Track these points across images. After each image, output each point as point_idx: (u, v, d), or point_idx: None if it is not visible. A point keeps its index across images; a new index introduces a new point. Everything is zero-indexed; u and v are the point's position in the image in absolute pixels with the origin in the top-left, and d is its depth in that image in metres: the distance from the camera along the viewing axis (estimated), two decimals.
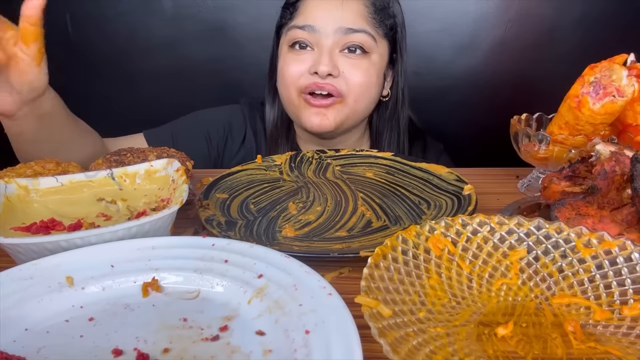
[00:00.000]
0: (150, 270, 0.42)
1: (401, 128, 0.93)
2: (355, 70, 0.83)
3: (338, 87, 0.82)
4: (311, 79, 0.82)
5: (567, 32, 1.28)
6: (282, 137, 0.94)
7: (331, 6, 0.82)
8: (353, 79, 0.83)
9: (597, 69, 0.61)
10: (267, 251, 0.43)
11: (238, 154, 0.96)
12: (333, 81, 0.82)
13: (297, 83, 0.83)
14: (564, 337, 0.37)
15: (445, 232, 0.45)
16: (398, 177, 0.71)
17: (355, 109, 0.85)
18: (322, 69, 0.80)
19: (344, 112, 0.84)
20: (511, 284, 0.43)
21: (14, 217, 0.50)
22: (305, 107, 0.84)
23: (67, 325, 0.38)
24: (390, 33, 0.87)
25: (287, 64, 0.85)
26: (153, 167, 0.57)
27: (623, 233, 0.47)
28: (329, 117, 0.83)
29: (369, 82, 0.84)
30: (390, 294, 0.37)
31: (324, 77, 0.81)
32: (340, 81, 0.82)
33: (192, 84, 1.38)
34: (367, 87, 0.85)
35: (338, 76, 0.82)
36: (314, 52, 0.83)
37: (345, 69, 0.82)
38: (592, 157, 0.53)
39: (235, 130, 0.96)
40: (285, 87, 0.86)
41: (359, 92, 0.84)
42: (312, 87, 0.82)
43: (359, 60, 0.83)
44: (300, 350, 0.32)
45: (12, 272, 0.41)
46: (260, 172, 0.73)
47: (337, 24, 0.81)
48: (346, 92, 0.83)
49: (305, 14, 0.83)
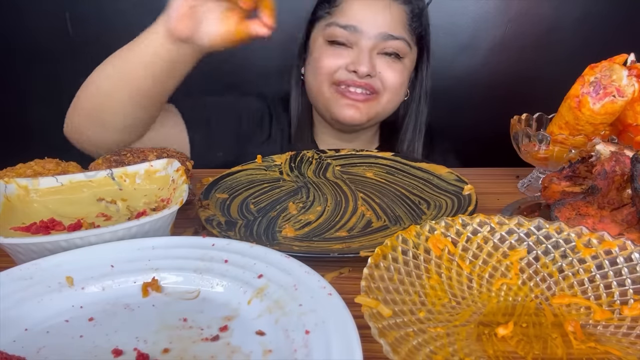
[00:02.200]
0: (150, 270, 0.42)
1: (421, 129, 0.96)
2: (391, 72, 0.85)
3: (374, 86, 0.84)
4: (348, 76, 0.84)
5: (567, 32, 1.28)
6: (306, 126, 0.95)
7: (376, 10, 0.83)
8: (389, 79, 0.85)
9: (597, 69, 0.61)
10: (267, 251, 0.43)
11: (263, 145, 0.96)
12: (369, 80, 0.84)
13: (333, 77, 0.85)
14: (564, 337, 0.37)
15: (445, 232, 0.45)
16: (398, 177, 0.71)
17: (386, 107, 0.88)
18: (363, 69, 0.82)
19: (376, 109, 0.87)
20: (511, 284, 0.43)
21: (14, 217, 0.50)
22: (337, 99, 0.86)
23: (67, 325, 0.38)
24: (421, 41, 0.90)
25: (324, 57, 0.85)
26: (153, 167, 0.57)
27: (623, 233, 0.47)
28: (362, 111, 0.85)
29: (402, 83, 0.87)
30: (390, 294, 0.37)
31: (362, 77, 0.83)
32: (376, 80, 0.84)
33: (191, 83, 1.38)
34: (400, 88, 0.88)
35: (375, 76, 0.84)
36: (352, 50, 0.84)
37: (382, 70, 0.84)
38: (592, 157, 0.53)
39: (265, 123, 0.97)
40: (317, 78, 0.87)
41: (393, 92, 0.87)
42: (349, 82, 0.84)
43: (394, 62, 0.85)
44: (300, 350, 0.32)
45: (12, 272, 0.41)
46: (260, 172, 0.73)
47: (380, 29, 0.82)
48: (381, 90, 0.85)
49: (348, 13, 0.84)
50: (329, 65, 0.84)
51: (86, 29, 1.32)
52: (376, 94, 0.85)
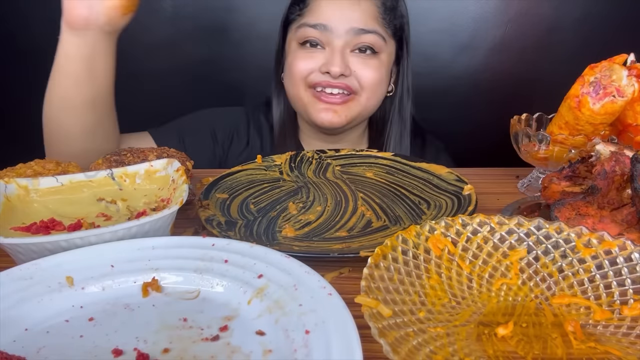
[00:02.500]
0: (150, 270, 0.42)
1: (406, 125, 0.94)
2: (367, 69, 0.84)
3: (351, 86, 0.84)
4: (322, 78, 0.83)
5: (567, 32, 1.28)
6: (289, 131, 0.95)
7: (344, 6, 0.82)
8: (365, 77, 0.84)
9: (597, 69, 0.61)
10: (267, 251, 0.43)
11: (242, 155, 0.96)
12: (345, 80, 0.83)
13: (307, 79, 0.84)
14: (564, 337, 0.37)
15: (445, 232, 0.45)
16: (398, 177, 0.71)
17: (366, 105, 0.87)
18: (335, 69, 0.81)
19: (356, 110, 0.86)
20: (511, 284, 0.43)
21: (14, 217, 0.50)
22: (314, 103, 0.85)
23: (67, 325, 0.38)
24: (398, 33, 0.88)
25: (297, 60, 0.85)
26: (153, 167, 0.57)
27: (623, 233, 0.47)
28: (340, 114, 0.84)
29: (380, 80, 0.86)
30: (390, 294, 0.37)
31: (336, 77, 0.82)
32: (352, 80, 0.84)
33: (191, 83, 1.38)
34: (378, 85, 0.86)
35: (350, 76, 0.83)
36: (325, 51, 0.83)
37: (357, 68, 0.83)
38: (592, 157, 0.53)
39: (241, 131, 0.97)
40: (293, 83, 0.87)
41: (371, 90, 0.85)
42: (323, 84, 0.83)
43: (369, 59, 0.84)
44: (300, 350, 0.32)
45: (12, 272, 0.41)
46: (260, 172, 0.73)
47: (350, 24, 0.82)
48: (358, 89, 0.84)
49: (317, 12, 0.83)
50: (302, 68, 0.84)
51: None
52: (354, 94, 0.84)
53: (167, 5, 1.31)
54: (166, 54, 1.35)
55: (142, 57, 1.35)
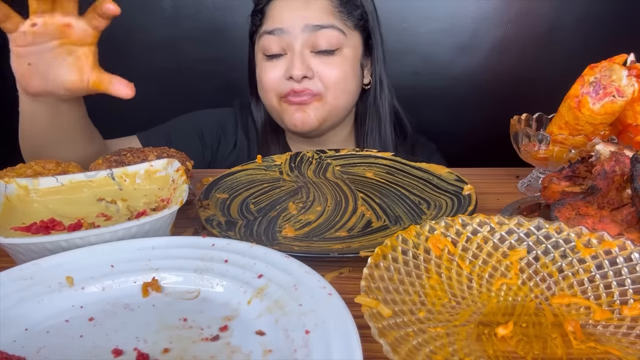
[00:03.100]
0: (150, 270, 0.42)
1: (382, 117, 0.92)
2: (329, 68, 0.83)
3: (314, 89, 0.83)
4: (288, 85, 0.83)
5: (567, 32, 1.28)
6: (272, 137, 0.95)
7: (296, 5, 0.82)
8: (328, 77, 0.83)
9: (597, 69, 0.61)
10: (267, 251, 0.43)
11: (230, 155, 0.96)
12: (309, 83, 0.83)
13: (276, 89, 0.85)
14: (564, 337, 0.37)
15: (445, 232, 0.45)
16: (398, 177, 0.71)
17: (335, 105, 0.86)
18: (296, 72, 0.81)
19: (324, 110, 0.85)
20: (511, 284, 0.43)
21: (14, 217, 0.50)
22: (286, 109, 0.85)
23: (67, 325, 0.38)
24: (361, 23, 0.87)
25: (264, 72, 0.86)
26: (153, 167, 0.57)
27: (623, 233, 0.47)
28: (309, 114, 0.84)
29: (344, 77, 0.85)
30: (390, 294, 0.37)
31: (300, 81, 0.82)
32: (316, 82, 0.83)
33: (190, 83, 1.38)
34: (343, 82, 0.85)
35: (313, 77, 0.83)
36: (287, 57, 0.84)
37: (319, 69, 0.83)
38: (592, 157, 0.53)
39: (228, 132, 0.97)
40: (265, 93, 0.87)
41: (337, 89, 0.85)
42: (290, 93, 0.83)
43: (330, 57, 0.83)
44: (300, 350, 0.32)
45: (12, 272, 0.41)
46: (260, 172, 0.73)
47: (304, 22, 0.81)
48: (324, 91, 0.84)
49: (272, 17, 0.84)
50: (270, 78, 0.84)
51: None
52: (319, 95, 0.84)
53: (167, 6, 1.31)
54: (166, 54, 1.35)
55: (140, 57, 1.35)
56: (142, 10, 1.31)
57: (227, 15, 1.31)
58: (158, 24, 1.32)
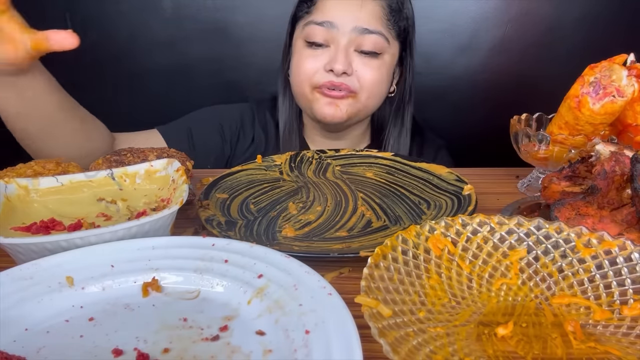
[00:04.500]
0: (150, 270, 0.42)
1: (405, 124, 0.95)
2: (368, 69, 0.85)
3: (351, 86, 0.85)
4: (326, 77, 0.84)
5: (567, 32, 1.28)
6: (294, 127, 0.96)
7: (351, 5, 0.84)
8: (365, 77, 0.85)
9: (597, 69, 0.61)
10: (267, 251, 0.43)
11: (248, 150, 0.97)
12: (346, 79, 0.84)
13: (312, 79, 0.86)
14: (564, 337, 0.37)
15: (445, 232, 0.45)
16: (398, 177, 0.71)
17: (366, 104, 0.88)
18: (338, 67, 0.82)
19: (356, 107, 0.87)
20: (511, 284, 0.43)
21: (14, 217, 0.50)
22: (318, 99, 0.86)
23: (67, 325, 0.38)
24: (402, 34, 0.90)
25: (303, 59, 0.86)
26: (153, 167, 0.57)
27: (623, 233, 0.47)
28: (341, 109, 0.86)
29: (380, 80, 0.87)
30: (390, 294, 0.37)
31: (339, 75, 0.83)
32: (354, 79, 0.85)
33: (192, 83, 1.38)
34: (378, 85, 0.88)
35: (352, 75, 0.84)
36: (330, 49, 0.85)
37: (359, 68, 0.85)
38: (592, 157, 0.53)
39: (247, 127, 0.98)
40: (299, 81, 0.88)
41: (371, 90, 0.87)
42: (327, 85, 0.84)
43: (371, 59, 0.85)
44: (300, 350, 0.32)
45: (12, 272, 0.41)
46: (260, 172, 0.73)
47: (355, 23, 0.83)
48: (359, 89, 0.86)
49: (324, 10, 0.85)
50: (308, 67, 0.85)
51: (86, 30, 1.32)
52: (354, 93, 0.86)
53: (167, 5, 1.31)
54: (166, 53, 1.35)
55: (141, 57, 1.35)
56: (144, 11, 1.31)
57: (228, 15, 1.31)
58: (159, 25, 1.33)
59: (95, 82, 1.36)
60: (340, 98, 0.85)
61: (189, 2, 1.31)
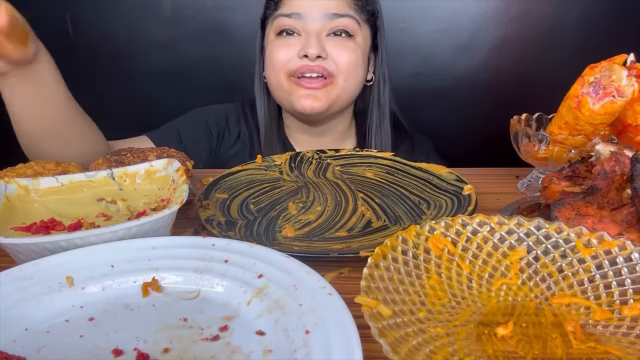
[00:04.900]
0: (150, 270, 0.42)
1: (383, 112, 0.95)
2: (343, 50, 0.86)
3: (328, 68, 0.85)
4: (300, 63, 0.85)
5: (567, 32, 1.28)
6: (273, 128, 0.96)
7: None
8: (341, 59, 0.85)
9: (597, 69, 0.61)
10: (267, 251, 0.43)
11: (233, 147, 0.98)
12: (322, 63, 0.85)
13: (286, 67, 0.86)
14: (564, 337, 0.37)
15: (445, 232, 0.45)
16: (398, 177, 0.71)
17: (345, 87, 0.88)
18: (312, 51, 0.83)
19: (334, 92, 0.87)
20: (511, 284, 0.43)
21: (14, 217, 0.50)
22: (295, 90, 0.86)
23: (67, 325, 0.38)
24: (372, 19, 0.90)
25: (276, 49, 0.87)
26: (153, 167, 0.57)
27: (623, 233, 0.47)
28: (320, 98, 0.86)
29: (356, 61, 0.87)
30: (390, 294, 0.37)
31: (314, 60, 0.84)
32: (329, 62, 0.85)
33: (192, 83, 1.38)
34: (355, 66, 0.88)
35: (327, 58, 0.85)
36: (302, 37, 0.85)
37: (333, 50, 0.85)
38: (592, 157, 0.53)
39: (232, 124, 0.99)
40: (274, 72, 0.88)
41: (348, 71, 0.87)
42: (302, 69, 0.84)
43: (345, 41, 0.86)
44: (300, 350, 0.32)
45: (12, 272, 0.41)
46: (260, 172, 0.73)
47: (323, 11, 0.84)
48: (336, 72, 0.86)
49: (290, 3, 0.86)
50: (281, 56, 0.86)
51: (86, 30, 1.32)
52: (332, 77, 0.86)
53: (167, 6, 1.31)
54: (166, 54, 1.35)
55: (141, 58, 1.35)
56: (143, 11, 1.31)
57: (228, 15, 1.31)
58: (159, 25, 1.33)
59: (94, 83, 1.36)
60: (320, 88, 0.85)
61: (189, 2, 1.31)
